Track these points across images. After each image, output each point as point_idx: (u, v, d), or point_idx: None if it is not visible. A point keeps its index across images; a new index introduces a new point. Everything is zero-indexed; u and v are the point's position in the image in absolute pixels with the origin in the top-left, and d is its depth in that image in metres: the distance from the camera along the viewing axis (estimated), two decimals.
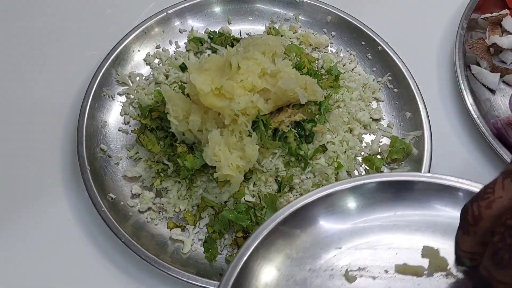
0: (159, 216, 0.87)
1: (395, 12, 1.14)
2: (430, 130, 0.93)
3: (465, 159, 0.97)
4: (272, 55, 0.87)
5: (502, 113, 1.01)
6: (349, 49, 1.05)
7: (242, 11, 1.07)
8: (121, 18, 1.07)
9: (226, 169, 0.79)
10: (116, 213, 0.84)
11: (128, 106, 0.96)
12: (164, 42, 1.03)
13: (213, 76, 0.82)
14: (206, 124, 0.83)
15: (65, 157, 0.93)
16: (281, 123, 0.86)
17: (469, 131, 1.00)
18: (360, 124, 0.96)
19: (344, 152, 0.91)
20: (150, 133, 0.90)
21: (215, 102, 0.81)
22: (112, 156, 0.91)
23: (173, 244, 0.85)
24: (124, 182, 0.89)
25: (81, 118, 0.90)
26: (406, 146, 0.93)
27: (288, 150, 0.87)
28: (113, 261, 0.84)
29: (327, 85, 0.96)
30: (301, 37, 1.05)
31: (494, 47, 1.05)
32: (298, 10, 1.07)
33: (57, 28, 1.07)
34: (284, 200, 0.86)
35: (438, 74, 1.06)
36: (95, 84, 0.93)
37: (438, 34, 1.11)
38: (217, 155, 0.79)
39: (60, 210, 0.88)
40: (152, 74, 1.00)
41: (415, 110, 0.96)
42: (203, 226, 0.87)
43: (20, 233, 0.86)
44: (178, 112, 0.83)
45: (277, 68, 0.84)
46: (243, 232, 0.84)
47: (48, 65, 1.02)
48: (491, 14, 1.09)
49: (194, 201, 0.88)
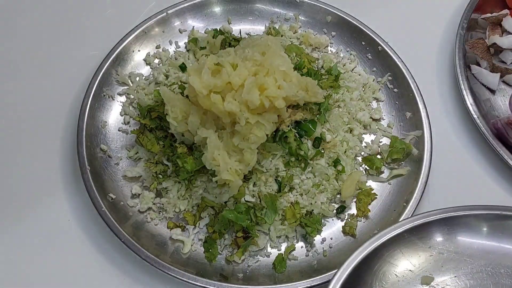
0: (159, 216, 0.87)
1: (395, 12, 1.14)
2: (430, 130, 0.94)
3: (465, 159, 0.97)
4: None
5: (502, 113, 1.01)
6: (349, 49, 1.05)
7: (242, 11, 1.07)
8: (121, 18, 1.08)
9: (225, 174, 0.79)
10: (116, 213, 0.84)
11: (128, 106, 0.96)
12: (164, 42, 1.03)
13: (212, 78, 0.82)
14: (205, 125, 0.83)
15: (65, 157, 0.93)
16: (281, 123, 0.86)
17: (469, 131, 1.00)
18: (360, 124, 0.96)
19: (344, 152, 0.92)
20: (149, 133, 0.90)
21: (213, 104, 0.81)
22: (112, 156, 0.91)
23: (173, 244, 0.85)
24: (124, 182, 0.89)
25: (81, 118, 0.90)
26: (406, 146, 0.93)
27: (288, 150, 0.87)
28: (113, 261, 0.85)
29: (327, 85, 0.96)
30: (301, 37, 1.05)
31: (494, 47, 1.05)
32: (298, 10, 1.07)
33: (57, 28, 1.07)
34: (284, 200, 0.86)
35: (438, 74, 1.06)
36: (95, 84, 0.93)
37: (438, 34, 1.11)
38: (216, 159, 0.80)
39: (60, 210, 0.88)
40: (152, 74, 1.00)
41: (415, 110, 0.96)
42: (203, 226, 0.87)
43: (20, 233, 0.87)
44: (177, 113, 0.83)
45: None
46: (243, 232, 0.84)
47: (48, 65, 1.02)
48: (491, 14, 1.09)
49: (194, 201, 0.88)
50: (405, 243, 0.75)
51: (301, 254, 0.86)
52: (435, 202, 0.92)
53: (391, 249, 0.74)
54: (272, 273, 0.84)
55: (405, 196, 0.89)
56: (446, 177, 0.95)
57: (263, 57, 0.83)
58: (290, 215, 0.86)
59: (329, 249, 0.87)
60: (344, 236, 0.88)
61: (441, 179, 0.94)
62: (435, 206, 0.92)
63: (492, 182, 0.95)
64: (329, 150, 0.90)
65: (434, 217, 0.77)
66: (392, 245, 0.74)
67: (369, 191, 0.90)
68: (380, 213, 0.89)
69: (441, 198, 0.93)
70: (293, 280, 0.81)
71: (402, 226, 0.75)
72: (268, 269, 0.84)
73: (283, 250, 0.86)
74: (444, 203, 0.92)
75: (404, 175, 0.92)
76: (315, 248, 0.86)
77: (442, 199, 0.93)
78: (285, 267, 0.84)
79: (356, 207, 0.90)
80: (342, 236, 0.88)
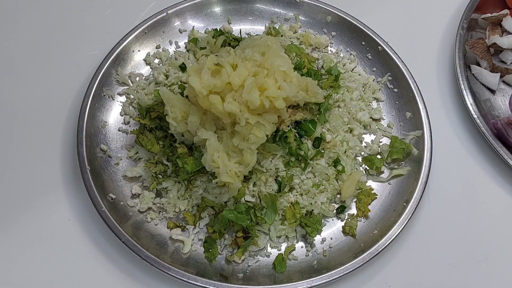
0: (159, 216, 0.87)
1: (395, 12, 1.14)
2: (430, 130, 0.94)
3: (465, 159, 0.97)
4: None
5: (502, 113, 1.01)
6: (349, 49, 1.05)
7: (242, 11, 1.07)
8: (121, 18, 1.08)
9: (225, 177, 0.79)
10: (116, 213, 0.84)
11: (128, 106, 0.96)
12: (164, 42, 1.03)
13: (212, 79, 0.82)
14: (205, 125, 0.83)
15: (65, 157, 0.93)
16: (281, 123, 0.86)
17: (469, 131, 1.00)
18: (360, 124, 0.96)
19: (344, 152, 0.92)
20: (149, 133, 0.90)
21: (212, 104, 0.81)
22: (112, 156, 0.91)
23: (173, 244, 0.85)
24: (124, 182, 0.89)
25: (81, 118, 0.90)
26: (406, 146, 0.93)
27: (288, 150, 0.87)
28: (113, 261, 0.85)
29: (327, 85, 0.96)
30: (301, 37, 1.05)
31: (494, 47, 1.05)
32: (298, 10, 1.07)
33: (58, 28, 1.07)
34: (284, 200, 0.86)
35: (438, 74, 1.06)
36: (95, 84, 0.93)
37: (438, 34, 1.11)
38: (216, 161, 0.80)
39: (60, 210, 0.88)
40: (152, 74, 1.00)
41: (415, 110, 0.96)
42: (203, 226, 0.87)
43: (20, 233, 0.87)
44: (177, 113, 0.83)
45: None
46: (243, 232, 0.84)
47: (48, 65, 1.02)
48: (491, 14, 1.09)
49: (194, 201, 0.88)
50: None
51: (301, 254, 0.86)
52: (435, 202, 0.93)
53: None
54: (272, 273, 0.84)
55: (405, 196, 0.89)
56: (446, 177, 0.95)
57: (263, 57, 0.83)
58: (290, 215, 0.86)
59: (329, 249, 0.87)
60: (344, 236, 0.88)
61: (441, 179, 0.94)
62: (435, 206, 0.92)
63: (492, 182, 0.95)
64: (329, 150, 0.90)
65: None
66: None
67: (369, 191, 0.90)
68: (380, 213, 0.89)
69: (441, 198, 0.93)
70: (293, 280, 0.81)
71: None
72: (268, 269, 0.84)
73: (283, 250, 0.86)
74: (444, 203, 0.93)
75: (404, 175, 0.92)
76: (315, 248, 0.86)
77: (442, 199, 0.93)
78: (285, 267, 0.84)
79: (356, 207, 0.90)
80: (342, 236, 0.88)
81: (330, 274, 0.81)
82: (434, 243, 0.89)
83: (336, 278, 0.81)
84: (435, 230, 0.90)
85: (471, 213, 0.92)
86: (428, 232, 0.90)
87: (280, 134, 0.87)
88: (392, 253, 0.88)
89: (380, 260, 0.87)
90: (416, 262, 0.88)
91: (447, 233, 0.90)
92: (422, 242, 0.89)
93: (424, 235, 0.90)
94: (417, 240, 0.89)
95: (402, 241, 0.89)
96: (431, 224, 0.91)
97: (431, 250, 0.89)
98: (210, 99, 0.79)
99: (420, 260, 0.88)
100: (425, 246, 0.89)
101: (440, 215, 0.92)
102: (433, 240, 0.90)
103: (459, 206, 0.93)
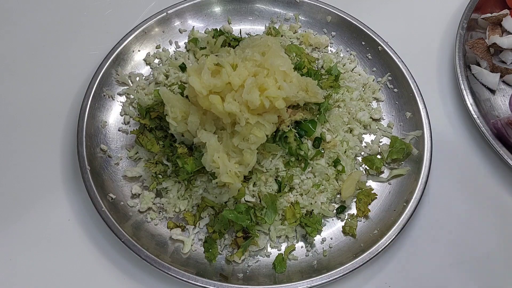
0: (159, 216, 0.87)
1: (395, 12, 1.14)
2: (430, 130, 0.94)
3: (465, 159, 0.97)
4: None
5: (502, 113, 1.01)
6: (349, 49, 1.05)
7: (242, 11, 1.07)
8: (121, 18, 1.08)
9: (225, 177, 0.80)
10: (116, 213, 0.84)
11: (128, 106, 0.96)
12: (164, 42, 1.03)
13: (212, 79, 0.82)
14: (205, 125, 0.83)
15: (65, 157, 0.93)
16: (281, 123, 0.86)
17: (469, 131, 1.00)
18: (360, 124, 0.96)
19: (344, 152, 0.92)
20: (149, 133, 0.90)
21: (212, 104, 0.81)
22: (112, 156, 0.91)
23: (173, 244, 0.85)
24: (124, 182, 0.89)
25: (81, 118, 0.90)
26: (406, 146, 0.93)
27: (288, 150, 0.87)
28: (113, 261, 0.85)
29: (327, 85, 0.96)
30: (301, 37, 1.05)
31: (494, 47, 1.05)
32: (298, 10, 1.07)
33: (58, 28, 1.07)
34: (284, 200, 0.86)
35: (438, 74, 1.06)
36: (95, 84, 0.93)
37: (438, 34, 1.11)
38: (216, 162, 0.80)
39: (60, 210, 0.88)
40: (152, 74, 1.00)
41: (415, 110, 0.96)
42: (203, 226, 0.87)
43: (21, 233, 0.87)
44: (177, 114, 0.83)
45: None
46: (243, 232, 0.84)
47: (48, 65, 1.02)
48: (491, 14, 1.09)
49: (194, 201, 0.88)
50: None
51: (301, 254, 0.86)
52: (435, 202, 0.93)
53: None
54: (272, 273, 0.84)
55: (405, 196, 0.89)
56: (446, 177, 0.95)
57: (263, 57, 0.83)
58: (290, 215, 0.86)
59: (329, 249, 0.87)
60: (344, 236, 0.88)
61: (441, 179, 0.94)
62: (435, 206, 0.92)
63: (492, 182, 0.95)
64: (329, 150, 0.90)
65: None
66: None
67: (369, 191, 0.90)
68: (380, 213, 0.89)
69: (441, 198, 0.93)
70: (293, 280, 0.81)
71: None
72: (268, 269, 0.84)
73: (283, 250, 0.86)
74: (444, 203, 0.93)
75: (404, 175, 0.92)
76: (315, 248, 0.86)
77: (442, 199, 0.93)
78: (285, 267, 0.84)
79: (356, 207, 0.90)
80: (342, 236, 0.88)
81: (330, 274, 0.81)
82: (434, 243, 0.89)
83: (336, 278, 0.81)
84: (435, 230, 0.90)
85: (471, 213, 0.92)
86: (428, 232, 0.90)
87: (280, 134, 0.87)
88: (392, 253, 0.88)
89: (380, 260, 0.87)
90: (416, 262, 0.88)
91: (447, 233, 0.90)
92: (422, 242, 0.89)
93: (424, 235, 0.90)
94: (417, 240, 0.89)
95: (402, 241, 0.89)
96: (431, 224, 0.91)
97: (431, 250, 0.89)
98: (210, 99, 0.79)
99: (420, 260, 0.88)
100: (425, 246, 0.89)
101: (440, 215, 0.92)
102: (433, 240, 0.89)
103: (459, 206, 0.93)
